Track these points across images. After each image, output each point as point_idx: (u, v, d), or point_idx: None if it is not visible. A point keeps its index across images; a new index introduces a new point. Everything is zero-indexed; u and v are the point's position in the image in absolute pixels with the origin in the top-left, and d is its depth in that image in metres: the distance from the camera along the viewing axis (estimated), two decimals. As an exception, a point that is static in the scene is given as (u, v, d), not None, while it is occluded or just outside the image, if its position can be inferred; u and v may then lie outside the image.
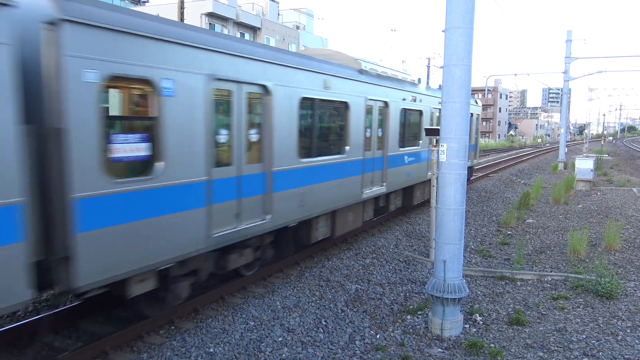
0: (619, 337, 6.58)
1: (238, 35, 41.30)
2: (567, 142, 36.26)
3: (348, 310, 7.63)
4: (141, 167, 5.72)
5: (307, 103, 8.68)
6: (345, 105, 9.92)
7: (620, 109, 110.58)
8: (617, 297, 7.99)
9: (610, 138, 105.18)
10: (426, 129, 10.27)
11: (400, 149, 12.49)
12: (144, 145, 5.71)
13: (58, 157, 4.83)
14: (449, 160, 6.53)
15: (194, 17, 36.75)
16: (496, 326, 7.01)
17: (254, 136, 7.44)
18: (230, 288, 8.07)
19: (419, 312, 7.49)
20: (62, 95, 4.73)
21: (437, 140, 8.59)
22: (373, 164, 11.20)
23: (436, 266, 6.78)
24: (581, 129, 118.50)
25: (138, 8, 38.54)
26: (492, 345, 6.39)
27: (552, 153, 48.74)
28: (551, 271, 9.55)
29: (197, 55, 6.18)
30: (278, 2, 48.70)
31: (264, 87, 7.48)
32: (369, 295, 8.29)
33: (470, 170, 21.21)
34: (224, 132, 6.87)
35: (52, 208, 4.93)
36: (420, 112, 13.94)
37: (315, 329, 6.91)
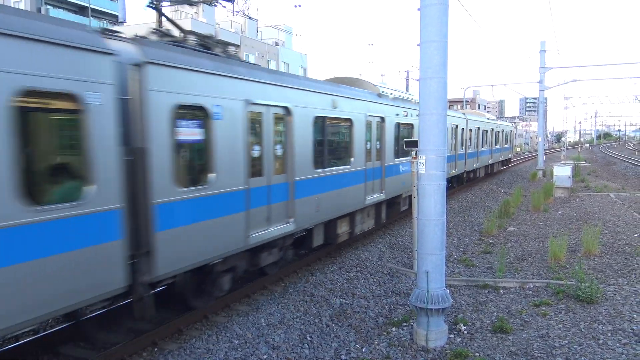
0: (600, 341, 6.66)
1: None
2: (545, 150, 36.86)
3: (333, 324, 7.61)
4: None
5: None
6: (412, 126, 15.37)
7: (595, 117, 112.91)
8: (598, 302, 8.11)
9: (587, 145, 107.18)
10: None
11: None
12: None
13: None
14: (428, 171, 6.60)
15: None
16: (480, 335, 7.06)
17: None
18: (214, 307, 8.00)
19: (404, 324, 7.50)
20: None
21: (416, 152, 8.66)
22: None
23: (419, 277, 6.81)
24: (558, 137, 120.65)
25: (116, 28, 38.35)
26: (476, 354, 6.42)
27: (531, 161, 49.50)
28: (533, 278, 9.66)
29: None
30: (256, 20, 48.98)
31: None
32: (353, 308, 8.28)
33: (509, 159, 39.80)
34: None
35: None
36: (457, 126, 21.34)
37: (301, 345, 6.87)
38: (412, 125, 15.35)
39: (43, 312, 4.95)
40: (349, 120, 11.20)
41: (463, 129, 22.71)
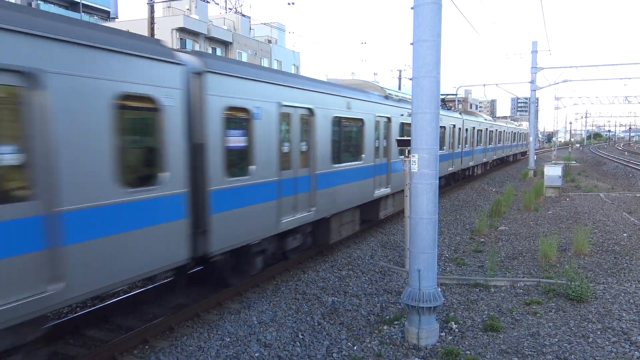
0: (590, 340, 6.72)
1: (210, 50, 41.18)
2: (536, 150, 37.10)
3: (325, 322, 7.61)
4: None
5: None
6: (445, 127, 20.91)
7: (586, 117, 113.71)
8: (587, 300, 8.17)
9: (578, 145, 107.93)
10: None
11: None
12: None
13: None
14: (421, 170, 6.61)
15: (165, 33, 36.48)
16: (471, 333, 7.09)
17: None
18: (206, 305, 7.98)
19: (396, 322, 7.52)
20: None
21: (408, 151, 8.71)
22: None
23: (411, 276, 6.83)
24: (549, 137, 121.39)
25: (108, 24, 38.11)
26: (467, 352, 6.46)
27: (522, 161, 49.78)
28: (524, 277, 9.72)
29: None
30: (249, 17, 48.82)
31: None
32: (345, 307, 8.29)
33: (525, 152, 50.56)
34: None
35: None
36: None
37: (292, 343, 6.87)
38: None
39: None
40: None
41: (506, 132, 39.82)
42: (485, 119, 31.74)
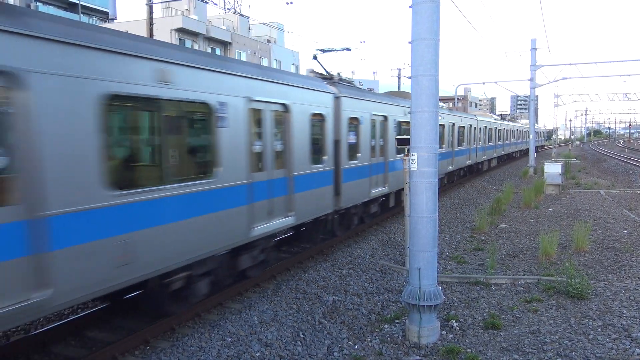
0: (591, 337, 6.73)
1: (209, 50, 41.16)
2: (535, 147, 37.13)
3: (325, 321, 7.62)
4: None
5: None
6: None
7: (585, 114, 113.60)
8: (588, 297, 8.18)
9: (578, 142, 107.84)
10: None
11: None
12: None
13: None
14: (420, 168, 6.62)
15: (164, 33, 36.44)
16: (472, 331, 7.10)
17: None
18: (206, 304, 7.98)
19: (396, 321, 7.52)
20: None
21: (408, 150, 8.72)
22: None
23: (411, 274, 6.83)
24: (549, 134, 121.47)
25: (106, 25, 38.09)
26: (468, 350, 6.46)
27: (522, 159, 49.77)
28: (524, 275, 9.73)
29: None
30: (248, 17, 48.80)
31: (508, 130, 28.94)
32: (346, 305, 8.30)
33: (543, 146, 77.39)
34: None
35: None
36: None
37: (293, 342, 6.88)
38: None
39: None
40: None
41: (521, 131, 49.24)
42: (522, 124, 50.45)
